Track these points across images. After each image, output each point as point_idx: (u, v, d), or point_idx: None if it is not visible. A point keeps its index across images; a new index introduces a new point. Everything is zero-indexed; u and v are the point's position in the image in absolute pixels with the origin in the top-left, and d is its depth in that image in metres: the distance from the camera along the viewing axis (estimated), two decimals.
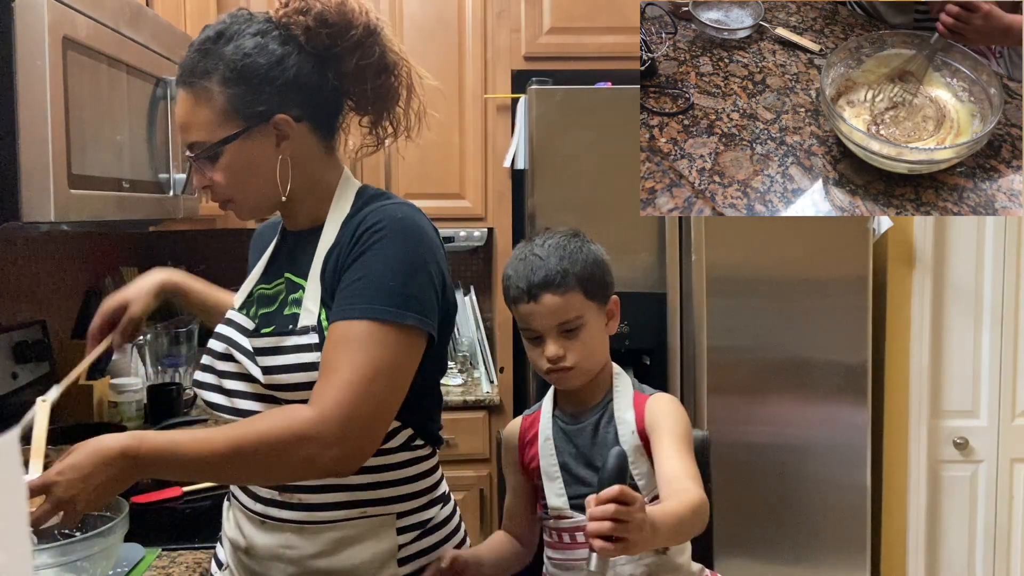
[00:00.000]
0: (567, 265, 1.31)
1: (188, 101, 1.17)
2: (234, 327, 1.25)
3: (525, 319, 1.33)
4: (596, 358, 1.35)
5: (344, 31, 1.17)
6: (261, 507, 1.22)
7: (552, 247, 1.33)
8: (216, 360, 1.25)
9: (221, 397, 1.23)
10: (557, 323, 1.31)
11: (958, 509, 2.76)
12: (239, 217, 1.26)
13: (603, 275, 1.35)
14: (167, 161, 1.85)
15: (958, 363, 2.73)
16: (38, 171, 1.34)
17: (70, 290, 2.33)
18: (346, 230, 1.19)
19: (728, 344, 2.46)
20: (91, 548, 1.17)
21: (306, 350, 1.15)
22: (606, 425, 1.33)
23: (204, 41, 1.17)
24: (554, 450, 1.35)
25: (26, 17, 1.32)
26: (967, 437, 2.73)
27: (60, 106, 1.37)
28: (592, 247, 1.36)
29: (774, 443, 2.49)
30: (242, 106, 1.15)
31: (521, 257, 1.35)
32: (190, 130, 1.18)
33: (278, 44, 1.16)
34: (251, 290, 1.30)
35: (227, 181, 1.18)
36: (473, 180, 2.73)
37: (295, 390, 1.15)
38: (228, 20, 1.18)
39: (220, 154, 1.17)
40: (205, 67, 1.15)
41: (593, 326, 1.33)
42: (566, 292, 1.30)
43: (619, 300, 1.39)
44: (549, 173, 2.44)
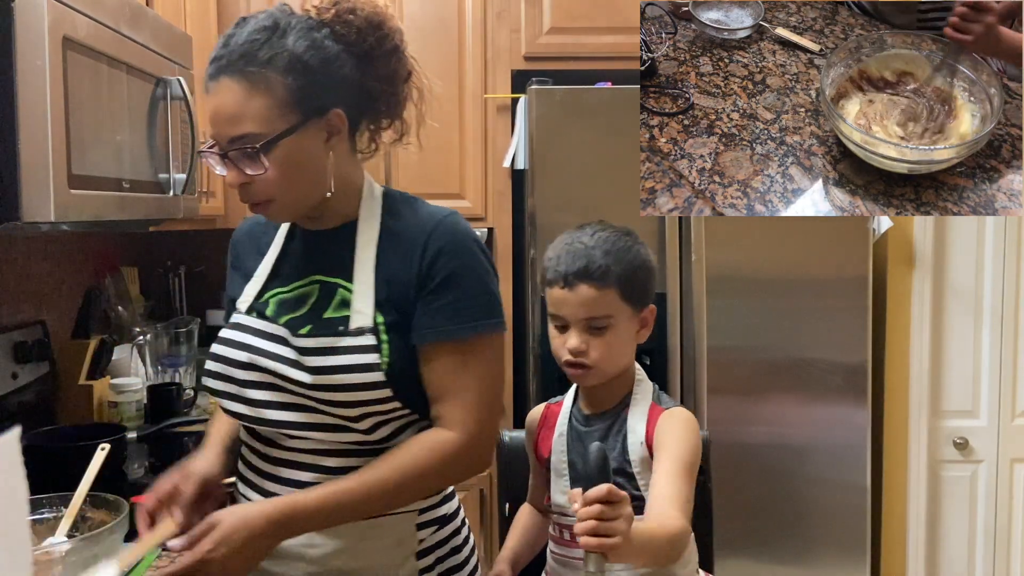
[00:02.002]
0: (610, 261, 1.28)
1: (239, 90, 1.11)
2: (258, 335, 1.21)
3: (556, 304, 1.31)
4: (617, 361, 1.32)
5: (386, 36, 1.21)
6: None
7: (601, 239, 1.30)
8: (235, 369, 1.21)
9: (243, 407, 1.21)
10: (586, 316, 1.28)
11: (958, 509, 2.76)
12: (274, 218, 1.21)
13: (645, 280, 1.33)
14: (167, 161, 1.85)
15: (958, 363, 2.73)
16: (38, 171, 1.34)
17: (70, 290, 2.33)
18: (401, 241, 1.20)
19: (728, 344, 2.46)
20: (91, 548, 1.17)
21: (362, 351, 1.16)
22: (616, 432, 1.32)
23: (259, 30, 1.13)
24: (565, 447, 1.36)
25: (26, 17, 1.32)
26: (967, 437, 2.73)
27: (60, 106, 1.37)
28: (641, 250, 1.33)
29: (774, 443, 2.49)
30: (303, 98, 1.13)
31: (567, 242, 1.32)
32: (239, 121, 1.11)
33: (331, 42, 1.17)
34: (262, 294, 1.26)
35: (278, 177, 1.13)
36: (473, 180, 2.73)
37: (345, 391, 1.15)
38: (277, 13, 1.17)
39: (273, 148, 1.12)
40: (265, 56, 1.12)
41: (622, 329, 1.30)
42: (603, 287, 1.27)
43: (656, 310, 1.35)
44: (549, 173, 2.44)
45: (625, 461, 1.30)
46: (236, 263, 1.33)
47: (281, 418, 1.18)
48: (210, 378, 1.24)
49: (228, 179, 1.15)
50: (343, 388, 1.15)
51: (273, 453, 1.22)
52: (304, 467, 1.19)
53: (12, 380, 1.89)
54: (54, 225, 1.41)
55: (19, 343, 1.93)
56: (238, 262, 1.32)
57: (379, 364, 1.16)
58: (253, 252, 1.30)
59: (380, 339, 1.17)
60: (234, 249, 1.35)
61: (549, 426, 1.40)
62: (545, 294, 1.34)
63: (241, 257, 1.32)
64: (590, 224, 1.35)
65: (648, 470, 1.28)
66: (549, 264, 1.32)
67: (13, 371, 1.90)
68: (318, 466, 1.19)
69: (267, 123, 1.12)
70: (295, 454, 1.20)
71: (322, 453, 1.19)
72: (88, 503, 1.29)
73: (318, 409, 1.17)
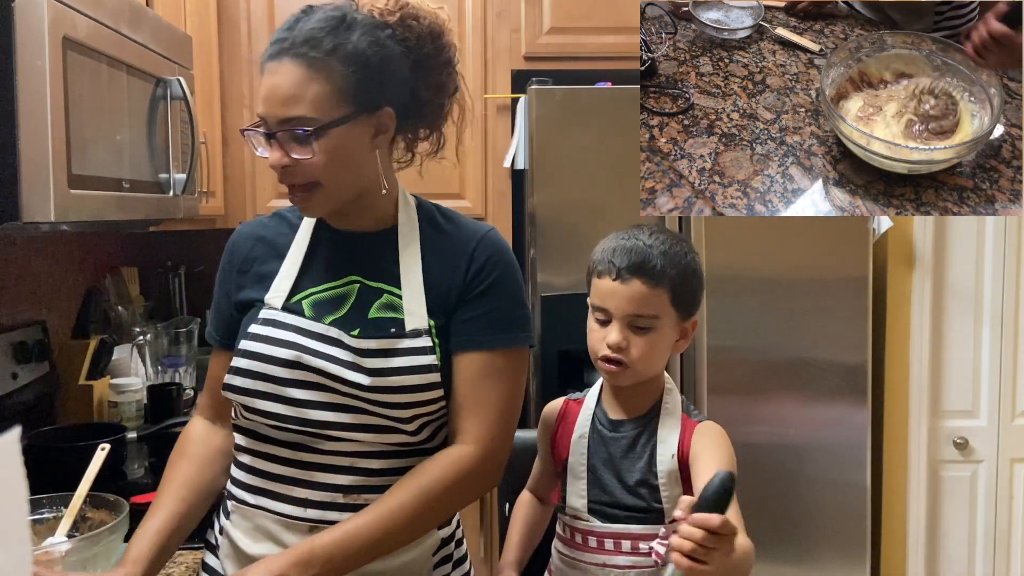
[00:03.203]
0: (666, 263, 1.26)
1: (299, 73, 1.12)
2: (304, 334, 1.18)
3: (603, 296, 1.28)
4: (655, 365, 1.30)
5: (443, 47, 1.23)
6: (316, 512, 1.17)
7: (659, 240, 1.28)
8: (276, 367, 1.17)
9: (282, 406, 1.17)
10: (633, 312, 1.26)
11: (958, 509, 2.76)
12: (312, 206, 1.20)
13: (695, 289, 1.31)
14: (167, 161, 1.85)
15: (958, 363, 2.73)
16: (38, 171, 1.34)
17: (70, 290, 2.33)
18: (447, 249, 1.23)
19: (728, 344, 2.46)
20: (91, 548, 1.17)
21: (420, 353, 1.17)
22: (645, 443, 1.30)
23: (327, 20, 1.14)
24: (586, 450, 1.33)
25: (26, 17, 1.32)
26: (967, 437, 2.73)
27: (60, 106, 1.37)
28: (695, 259, 1.32)
29: (774, 443, 2.49)
30: (359, 91, 1.15)
31: (624, 237, 1.30)
32: (295, 103, 1.12)
33: (393, 43, 1.18)
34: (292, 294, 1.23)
35: (324, 163, 1.14)
36: (473, 180, 2.73)
37: (403, 392, 1.16)
38: (345, 7, 1.18)
39: (324, 134, 1.13)
40: (330, 44, 1.13)
41: (665, 333, 1.29)
42: (656, 286, 1.26)
43: (697, 324, 1.35)
44: (549, 173, 2.44)
45: (651, 473, 1.28)
46: (245, 266, 1.28)
47: (325, 419, 1.16)
48: (241, 376, 1.19)
49: (271, 159, 1.16)
50: (401, 390, 1.15)
51: (305, 457, 1.19)
52: (343, 470, 1.17)
53: (12, 380, 1.89)
54: (54, 225, 1.41)
55: (19, 343, 1.93)
56: (247, 264, 1.27)
57: (436, 365, 1.18)
58: (269, 254, 1.27)
59: (433, 341, 1.19)
60: (239, 251, 1.29)
61: (568, 424, 1.37)
62: (591, 285, 1.32)
63: (250, 259, 1.28)
64: (646, 225, 1.33)
65: (674, 483, 1.27)
66: (603, 255, 1.29)
67: (13, 371, 1.90)
68: (358, 468, 1.18)
69: (321, 109, 1.13)
70: (333, 457, 1.18)
71: (364, 455, 1.18)
72: (88, 503, 1.29)
73: (368, 410, 1.16)
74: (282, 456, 1.20)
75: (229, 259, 1.30)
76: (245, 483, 1.23)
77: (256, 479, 1.21)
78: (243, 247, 1.29)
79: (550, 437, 1.40)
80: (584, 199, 2.42)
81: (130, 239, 2.77)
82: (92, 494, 1.29)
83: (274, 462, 1.20)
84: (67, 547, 1.16)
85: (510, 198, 2.72)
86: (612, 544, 1.28)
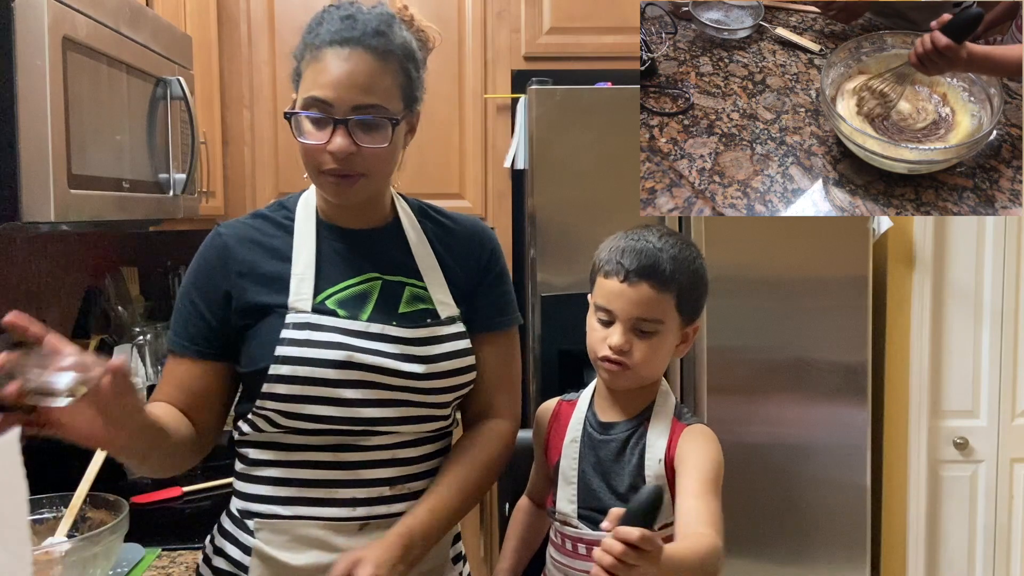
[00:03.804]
0: (676, 268, 1.24)
1: (373, 63, 1.13)
2: (348, 333, 1.17)
3: (608, 297, 1.25)
4: (655, 369, 1.29)
5: (427, 56, 1.27)
6: (365, 509, 1.19)
7: (668, 243, 1.26)
8: (328, 369, 1.15)
9: (334, 408, 1.16)
10: (638, 315, 1.24)
11: (958, 509, 2.76)
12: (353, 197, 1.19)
13: (700, 295, 1.30)
14: (167, 161, 1.85)
15: (958, 363, 2.73)
16: (38, 171, 1.34)
17: (70, 290, 2.33)
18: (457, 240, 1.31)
19: (728, 344, 2.46)
20: (91, 548, 1.17)
21: (459, 338, 1.25)
22: (634, 446, 1.28)
23: (383, 15, 1.17)
24: (577, 454, 1.31)
25: (26, 17, 1.32)
26: (967, 437, 2.73)
27: (60, 106, 1.37)
28: (703, 264, 1.30)
29: (774, 443, 2.49)
30: (411, 88, 1.20)
31: (633, 238, 1.27)
32: (371, 91, 1.13)
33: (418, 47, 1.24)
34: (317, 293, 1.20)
35: (389, 154, 1.17)
36: (473, 180, 2.73)
37: (450, 376, 1.23)
38: (381, 7, 1.20)
39: (397, 126, 1.16)
40: (396, 40, 1.16)
41: (667, 337, 1.27)
42: (663, 291, 1.24)
43: (699, 329, 1.34)
44: (549, 173, 2.44)
45: (640, 477, 1.25)
46: (245, 268, 1.22)
47: (374, 415, 1.18)
48: (286, 383, 1.15)
49: (339, 145, 1.13)
50: (449, 374, 1.22)
51: (349, 457, 1.19)
52: (387, 463, 1.21)
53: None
54: (54, 225, 1.41)
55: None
56: (247, 267, 1.22)
57: (471, 348, 1.26)
58: (267, 256, 1.23)
59: (463, 327, 1.27)
60: (234, 254, 1.23)
61: (561, 426, 1.35)
62: (595, 285, 1.30)
63: (248, 262, 1.22)
64: (654, 226, 1.30)
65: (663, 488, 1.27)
66: (610, 255, 1.26)
67: None
68: (399, 459, 1.22)
69: (390, 101, 1.16)
70: (374, 452, 1.20)
71: (402, 446, 1.22)
72: (88, 503, 1.29)
73: (413, 401, 1.20)
74: (324, 460, 1.19)
75: (221, 262, 1.23)
76: (275, 496, 1.20)
77: (291, 490, 1.19)
78: (238, 250, 1.23)
79: (544, 439, 1.39)
80: (584, 199, 2.42)
81: (130, 239, 2.77)
82: (92, 494, 1.29)
83: (315, 468, 1.19)
84: (67, 547, 1.16)
85: (510, 198, 2.72)
86: None
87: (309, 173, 1.19)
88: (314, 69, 1.13)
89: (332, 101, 1.12)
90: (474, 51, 2.69)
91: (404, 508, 1.20)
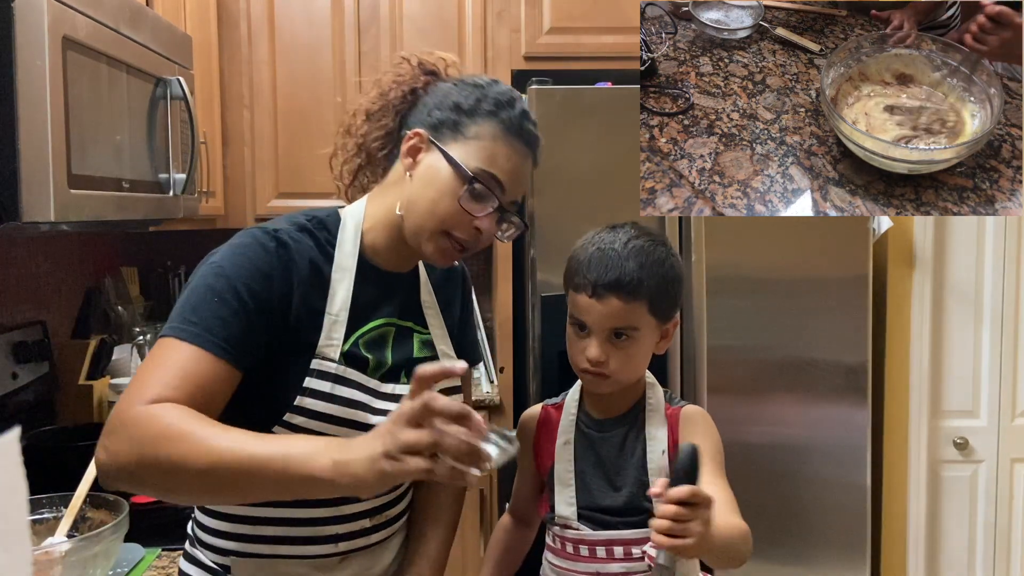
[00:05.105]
0: (644, 275, 1.22)
1: (530, 166, 1.27)
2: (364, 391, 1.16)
3: (580, 311, 1.25)
4: (635, 370, 1.28)
5: None
6: (347, 544, 1.18)
7: (635, 249, 1.23)
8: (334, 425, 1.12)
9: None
10: (611, 326, 1.23)
11: (958, 509, 2.76)
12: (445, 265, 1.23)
13: (675, 294, 1.27)
14: (167, 161, 1.85)
15: (958, 363, 2.73)
16: (38, 171, 1.34)
17: (70, 290, 2.33)
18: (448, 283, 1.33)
19: (728, 344, 2.46)
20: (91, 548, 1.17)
21: (455, 392, 1.27)
22: (634, 439, 1.28)
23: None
24: (572, 456, 1.30)
25: (26, 17, 1.32)
26: (967, 437, 2.73)
27: (60, 106, 1.37)
28: (674, 263, 1.27)
29: (774, 443, 2.49)
30: None
31: (599, 247, 1.25)
32: (524, 189, 1.27)
33: None
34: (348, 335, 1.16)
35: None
36: None
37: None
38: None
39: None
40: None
41: (644, 340, 1.26)
42: (632, 301, 1.22)
43: (679, 322, 1.34)
44: (549, 173, 2.44)
45: (643, 470, 1.26)
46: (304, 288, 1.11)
47: None
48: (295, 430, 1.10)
49: (487, 225, 1.16)
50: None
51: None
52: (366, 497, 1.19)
53: (12, 380, 1.89)
54: (54, 225, 1.41)
55: (19, 343, 1.93)
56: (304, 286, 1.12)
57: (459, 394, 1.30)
58: (317, 287, 1.14)
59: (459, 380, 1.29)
60: (296, 266, 1.11)
61: (550, 431, 1.34)
62: (568, 295, 1.30)
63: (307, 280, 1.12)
64: (623, 227, 1.28)
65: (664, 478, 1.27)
66: (578, 268, 1.26)
67: (13, 371, 1.90)
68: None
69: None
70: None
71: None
72: (88, 503, 1.28)
73: None
74: (310, 500, 1.15)
75: (283, 267, 1.10)
76: (256, 536, 1.16)
77: (275, 529, 1.16)
78: (301, 264, 1.13)
79: (532, 445, 1.36)
80: (584, 199, 2.42)
81: (130, 239, 2.77)
82: (92, 494, 1.29)
83: (301, 507, 1.15)
84: (67, 547, 1.16)
85: None
86: (604, 551, 1.25)
87: (427, 226, 1.14)
88: (494, 147, 1.16)
89: (507, 188, 1.17)
90: (474, 51, 2.69)
91: (382, 537, 1.23)
